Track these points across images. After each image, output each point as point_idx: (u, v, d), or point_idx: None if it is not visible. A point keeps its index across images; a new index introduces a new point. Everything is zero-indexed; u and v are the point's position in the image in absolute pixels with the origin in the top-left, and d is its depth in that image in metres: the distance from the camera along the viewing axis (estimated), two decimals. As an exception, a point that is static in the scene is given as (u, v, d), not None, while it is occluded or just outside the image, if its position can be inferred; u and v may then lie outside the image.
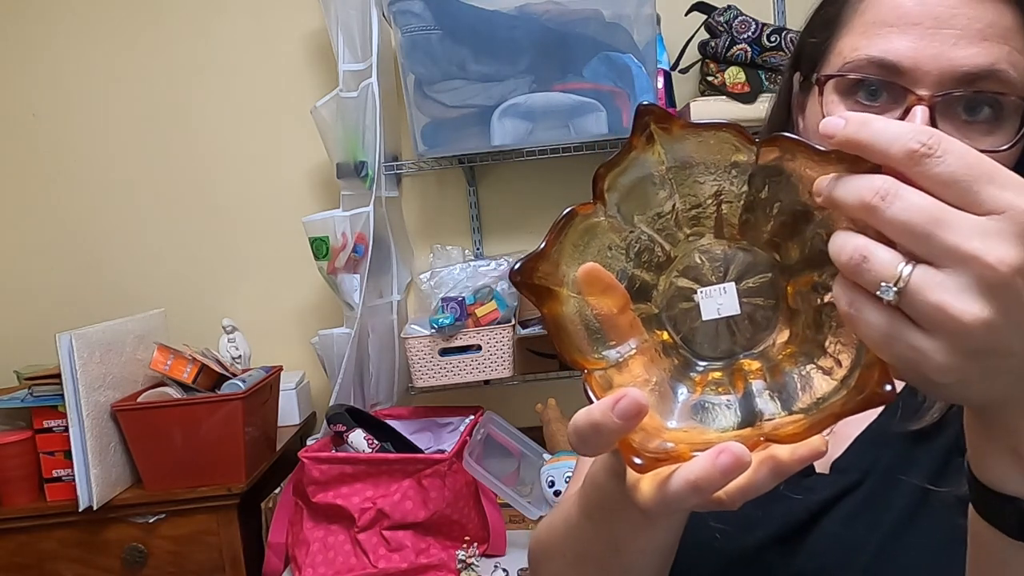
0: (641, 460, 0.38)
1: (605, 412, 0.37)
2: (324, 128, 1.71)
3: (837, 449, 0.63)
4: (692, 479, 0.36)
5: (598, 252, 0.44)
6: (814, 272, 0.40)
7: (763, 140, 0.39)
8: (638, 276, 0.45)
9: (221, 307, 1.90)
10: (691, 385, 0.43)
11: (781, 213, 0.40)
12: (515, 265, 0.42)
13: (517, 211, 1.88)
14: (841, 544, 0.59)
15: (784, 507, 0.62)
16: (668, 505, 0.38)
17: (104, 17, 1.89)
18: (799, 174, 0.39)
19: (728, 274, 0.43)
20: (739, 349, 0.43)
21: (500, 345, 1.62)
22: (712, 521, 0.64)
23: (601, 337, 0.43)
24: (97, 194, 1.94)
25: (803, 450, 0.37)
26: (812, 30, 0.65)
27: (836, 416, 0.36)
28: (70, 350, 1.45)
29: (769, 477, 0.37)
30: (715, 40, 1.60)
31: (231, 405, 1.52)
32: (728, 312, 0.42)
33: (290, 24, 1.87)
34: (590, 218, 0.43)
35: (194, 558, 1.56)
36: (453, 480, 1.48)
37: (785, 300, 0.42)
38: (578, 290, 0.43)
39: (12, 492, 1.54)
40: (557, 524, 0.63)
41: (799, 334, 0.41)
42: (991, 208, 0.31)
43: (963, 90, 0.54)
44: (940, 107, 0.54)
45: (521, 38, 1.52)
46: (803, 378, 0.40)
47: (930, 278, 0.32)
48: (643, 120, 0.41)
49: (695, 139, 0.41)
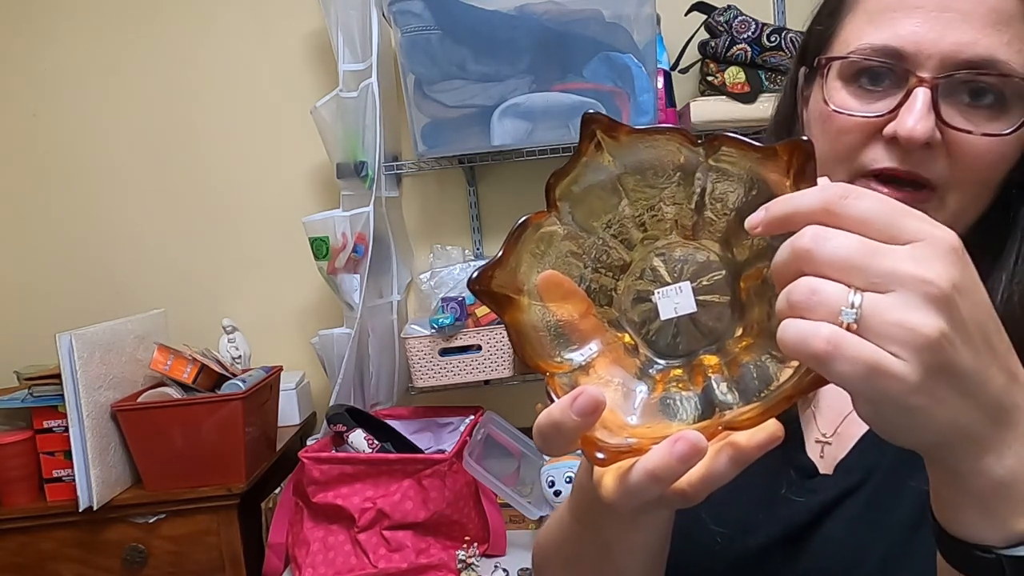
0: (603, 455, 0.39)
1: (564, 410, 0.38)
2: (324, 128, 1.71)
3: (841, 450, 0.62)
4: (651, 468, 0.37)
5: (556, 259, 0.45)
6: (764, 264, 0.40)
7: (705, 141, 0.40)
8: (597, 280, 0.46)
9: (221, 307, 1.91)
10: (652, 383, 0.45)
11: (729, 211, 0.42)
12: (472, 274, 0.43)
13: (517, 211, 1.85)
14: (845, 548, 0.58)
15: (786, 509, 0.61)
16: (630, 497, 0.38)
17: (104, 17, 1.89)
18: (743, 172, 0.40)
19: (683, 274, 0.44)
20: (698, 346, 0.45)
21: (500, 345, 1.62)
22: (713, 524, 0.63)
23: (564, 341, 0.45)
24: (97, 194, 1.94)
25: (760, 435, 0.37)
26: (818, 19, 0.65)
27: (788, 399, 0.37)
28: (70, 350, 1.45)
29: (728, 464, 0.38)
30: (715, 40, 1.60)
31: (231, 405, 1.52)
32: (685, 311, 0.43)
33: (290, 24, 1.87)
34: (544, 226, 0.44)
35: (194, 558, 1.56)
36: (453, 480, 1.48)
37: (739, 295, 0.43)
38: (539, 297, 0.44)
39: (12, 492, 1.54)
40: (553, 528, 0.63)
41: (754, 327, 0.42)
42: (912, 237, 0.34)
43: (965, 73, 0.54)
44: (942, 90, 0.54)
45: (521, 38, 1.52)
46: (759, 368, 0.41)
47: (881, 300, 0.33)
48: (590, 129, 0.42)
49: (642, 144, 0.42)
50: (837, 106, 0.58)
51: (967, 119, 0.54)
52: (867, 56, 0.57)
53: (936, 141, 0.54)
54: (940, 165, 0.55)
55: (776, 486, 0.63)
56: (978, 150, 0.54)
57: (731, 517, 0.63)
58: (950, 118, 0.54)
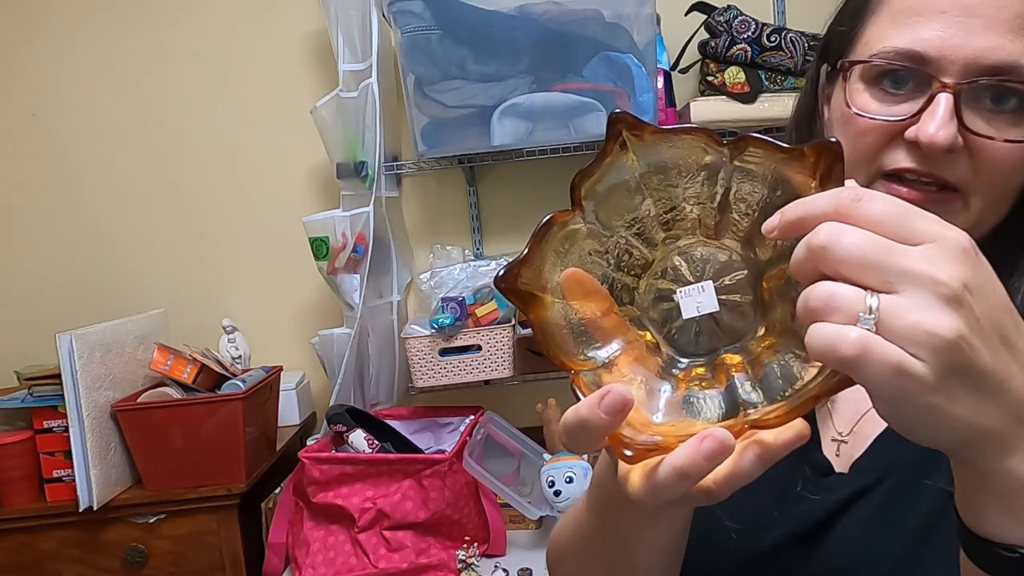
0: (631, 452, 0.39)
1: (592, 408, 0.38)
2: (324, 128, 1.71)
3: (858, 449, 0.62)
4: (678, 465, 0.37)
5: (579, 257, 0.45)
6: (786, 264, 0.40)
7: (731, 141, 0.41)
8: (620, 279, 0.46)
9: (221, 307, 1.91)
10: (675, 381, 0.45)
11: (753, 211, 0.42)
12: (499, 272, 0.43)
13: (517, 211, 1.88)
14: (861, 547, 0.58)
15: (802, 507, 0.61)
16: (657, 494, 0.38)
17: (104, 17, 1.89)
18: (768, 172, 0.40)
19: (705, 273, 0.44)
20: (720, 344, 0.45)
21: (500, 345, 1.62)
22: (728, 520, 0.63)
23: (587, 339, 0.45)
24: (97, 194, 1.94)
25: (787, 434, 0.38)
26: (840, 19, 0.65)
27: (815, 398, 0.37)
28: (70, 350, 1.45)
29: (755, 462, 0.38)
30: (715, 40, 1.60)
31: (231, 405, 1.52)
32: (707, 310, 0.44)
33: (290, 24, 1.87)
34: (569, 225, 0.45)
35: (194, 558, 1.56)
36: (453, 480, 1.48)
37: (761, 295, 0.43)
38: (562, 295, 0.44)
39: (12, 492, 1.54)
40: (569, 524, 0.64)
41: (776, 326, 0.42)
42: (924, 238, 0.34)
43: (988, 79, 0.54)
44: (965, 95, 0.54)
45: (521, 38, 1.52)
46: (783, 367, 0.41)
47: (897, 301, 0.33)
48: (615, 128, 0.42)
49: (667, 144, 0.42)
50: (859, 109, 0.58)
51: (990, 124, 0.55)
52: (890, 60, 0.57)
53: (958, 146, 0.55)
54: (962, 169, 0.56)
55: (791, 484, 0.62)
56: (1000, 155, 0.55)
57: (746, 514, 0.63)
58: (972, 124, 0.55)
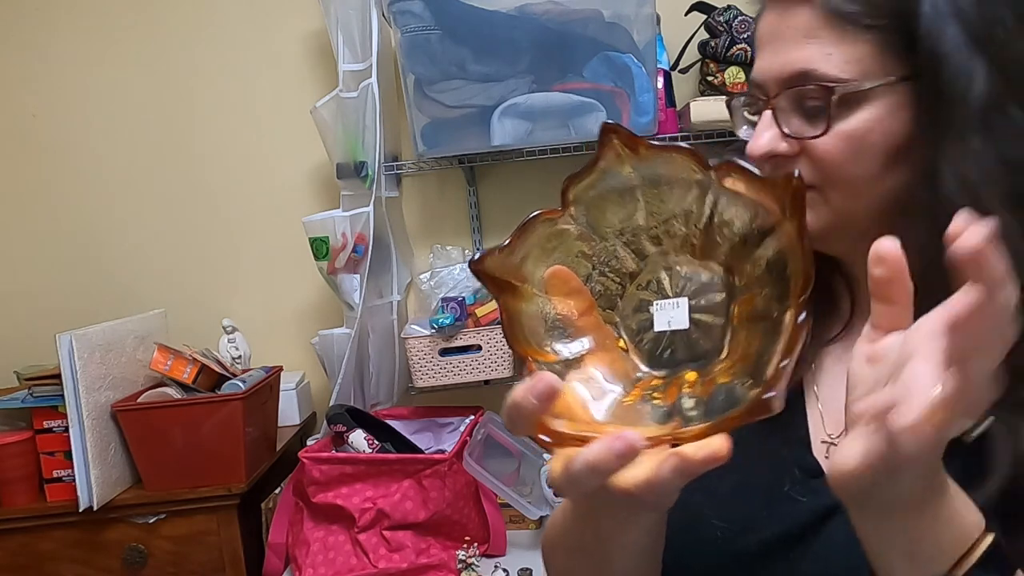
0: (548, 438, 0.41)
1: (524, 393, 0.40)
2: (324, 128, 1.71)
3: None
4: (590, 460, 0.39)
5: (567, 257, 0.47)
6: (758, 291, 0.42)
7: (716, 165, 0.42)
8: (603, 283, 0.47)
9: (221, 307, 1.90)
10: (630, 388, 0.46)
11: (734, 235, 0.43)
12: (475, 255, 0.45)
13: (517, 211, 1.85)
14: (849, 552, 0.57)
15: (789, 508, 0.62)
16: (572, 483, 0.41)
17: (104, 17, 1.89)
18: (749, 197, 0.41)
19: (684, 291, 0.46)
20: (684, 360, 0.46)
21: (500, 345, 1.62)
22: (716, 519, 0.64)
23: (557, 334, 0.47)
24: (97, 194, 1.94)
25: (704, 450, 0.39)
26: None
27: (733, 420, 0.39)
28: (70, 350, 1.45)
29: (672, 473, 0.39)
30: (715, 40, 1.60)
31: (231, 405, 1.52)
32: (678, 326, 0.45)
33: (290, 24, 1.87)
34: (558, 224, 0.46)
35: (194, 558, 1.56)
36: (453, 480, 1.48)
37: (731, 319, 0.44)
38: (544, 289, 0.46)
39: (12, 492, 1.54)
40: (559, 517, 0.66)
41: (738, 351, 0.43)
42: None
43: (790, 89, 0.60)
44: (778, 108, 0.61)
45: (521, 38, 1.52)
46: (729, 391, 0.42)
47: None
48: (608, 137, 0.43)
49: (660, 160, 0.43)
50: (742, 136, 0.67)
51: (809, 125, 0.59)
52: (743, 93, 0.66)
53: (786, 150, 0.61)
54: (807, 169, 0.60)
55: (780, 485, 0.63)
56: (826, 149, 0.59)
57: (734, 513, 0.64)
58: (791, 128, 0.60)
